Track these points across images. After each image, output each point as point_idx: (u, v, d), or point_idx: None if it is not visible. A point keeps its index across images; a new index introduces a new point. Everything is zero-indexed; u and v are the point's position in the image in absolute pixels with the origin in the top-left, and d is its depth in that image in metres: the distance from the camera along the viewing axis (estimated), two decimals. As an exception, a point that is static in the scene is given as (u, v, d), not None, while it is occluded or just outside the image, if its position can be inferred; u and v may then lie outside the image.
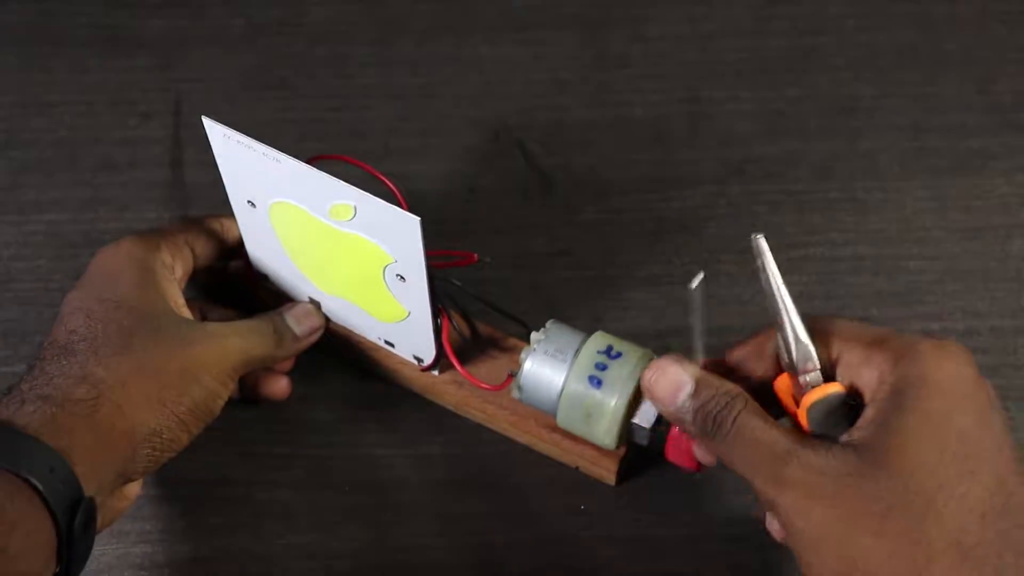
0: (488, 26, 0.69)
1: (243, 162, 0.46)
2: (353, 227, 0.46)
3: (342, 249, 0.48)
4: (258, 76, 0.67)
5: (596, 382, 0.47)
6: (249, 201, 0.49)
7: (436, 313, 0.49)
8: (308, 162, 0.48)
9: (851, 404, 0.41)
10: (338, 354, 0.55)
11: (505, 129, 0.65)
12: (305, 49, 0.68)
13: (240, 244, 0.54)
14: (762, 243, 0.41)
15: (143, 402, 0.44)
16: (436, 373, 0.53)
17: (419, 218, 0.43)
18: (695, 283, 0.41)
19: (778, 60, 0.68)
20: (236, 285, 0.56)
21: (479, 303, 0.53)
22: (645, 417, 0.47)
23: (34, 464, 0.40)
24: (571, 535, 0.51)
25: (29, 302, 0.59)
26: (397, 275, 0.47)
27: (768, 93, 0.66)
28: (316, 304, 0.53)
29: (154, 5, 0.70)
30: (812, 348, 0.41)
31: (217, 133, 0.45)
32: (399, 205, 0.52)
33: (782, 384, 0.43)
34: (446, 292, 0.52)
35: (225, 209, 0.61)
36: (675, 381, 0.42)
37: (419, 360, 0.52)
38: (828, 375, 0.42)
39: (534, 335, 0.49)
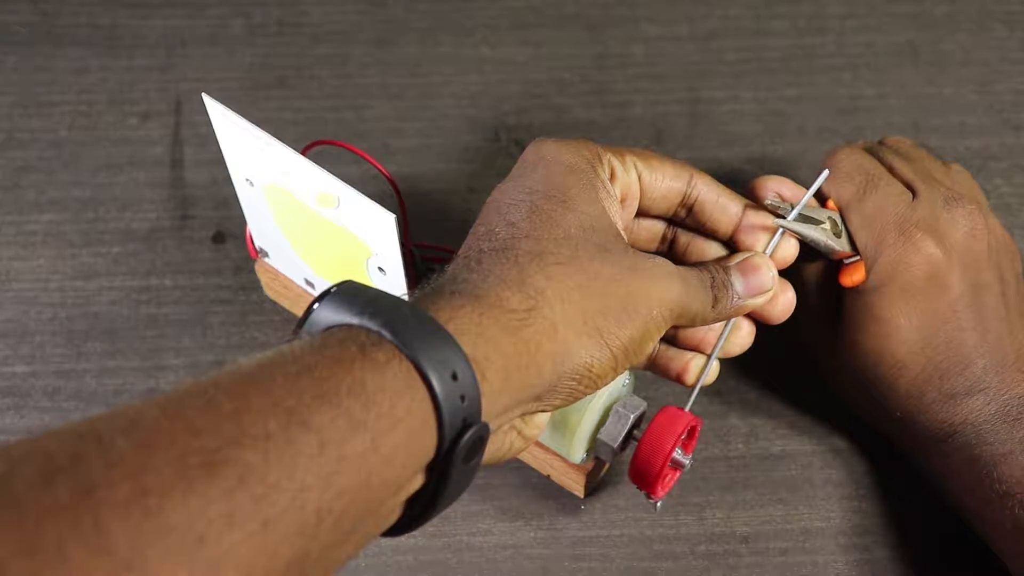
0: (488, 26, 0.69)
1: (240, 142, 0.47)
2: (338, 216, 0.47)
3: (329, 236, 0.48)
4: (258, 76, 0.67)
5: None
6: (247, 179, 0.50)
7: None
8: (307, 147, 0.48)
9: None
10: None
11: (505, 129, 0.65)
12: (305, 49, 0.68)
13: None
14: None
15: (580, 326, 0.38)
16: None
17: (394, 215, 0.43)
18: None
19: (778, 60, 0.68)
20: None
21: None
22: (610, 434, 0.47)
23: (443, 365, 0.33)
24: (570, 535, 0.51)
25: (29, 302, 0.59)
26: (378, 267, 0.48)
27: (768, 93, 0.66)
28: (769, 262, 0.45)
29: (154, 5, 0.70)
30: (834, 243, 0.48)
31: (217, 112, 0.46)
32: (395, 196, 0.52)
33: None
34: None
35: (225, 207, 0.62)
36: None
37: None
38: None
39: None
